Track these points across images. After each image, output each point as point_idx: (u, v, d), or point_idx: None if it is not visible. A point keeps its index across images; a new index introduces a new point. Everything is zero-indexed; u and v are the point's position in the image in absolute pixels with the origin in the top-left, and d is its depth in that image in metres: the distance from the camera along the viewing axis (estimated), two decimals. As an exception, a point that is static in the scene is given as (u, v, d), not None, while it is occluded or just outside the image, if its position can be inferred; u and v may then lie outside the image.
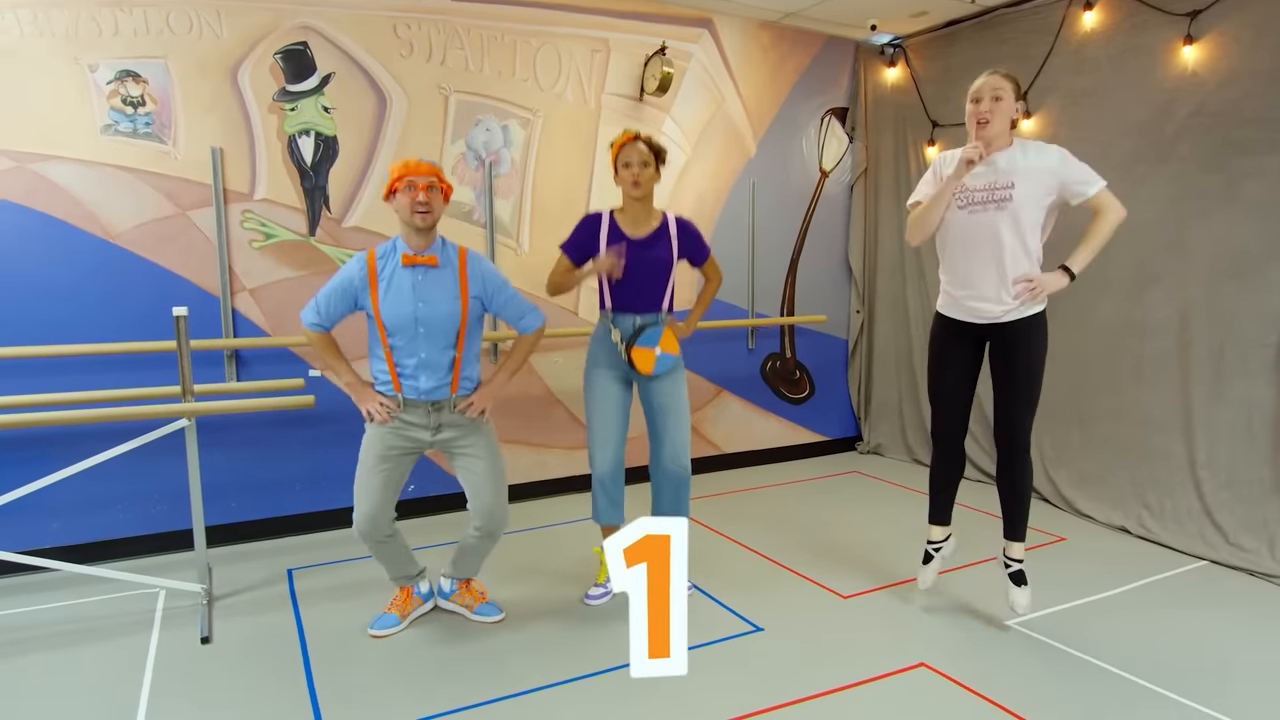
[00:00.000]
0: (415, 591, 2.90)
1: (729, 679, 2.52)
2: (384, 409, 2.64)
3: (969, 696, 2.41)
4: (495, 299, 2.72)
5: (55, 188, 3.31)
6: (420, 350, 2.61)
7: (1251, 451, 3.44)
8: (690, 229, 3.01)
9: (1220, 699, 2.39)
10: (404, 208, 2.55)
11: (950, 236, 2.75)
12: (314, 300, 2.66)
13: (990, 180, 2.64)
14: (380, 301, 2.58)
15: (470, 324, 2.68)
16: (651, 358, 2.86)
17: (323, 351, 2.69)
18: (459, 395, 2.70)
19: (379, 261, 2.62)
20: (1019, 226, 2.60)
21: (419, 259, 2.59)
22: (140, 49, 3.38)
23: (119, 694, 2.43)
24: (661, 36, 4.41)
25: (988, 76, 2.64)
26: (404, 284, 2.59)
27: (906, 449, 5.17)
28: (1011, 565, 2.84)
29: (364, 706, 2.37)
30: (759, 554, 3.58)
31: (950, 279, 2.80)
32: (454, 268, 2.65)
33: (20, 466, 3.23)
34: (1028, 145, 2.65)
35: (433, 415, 2.67)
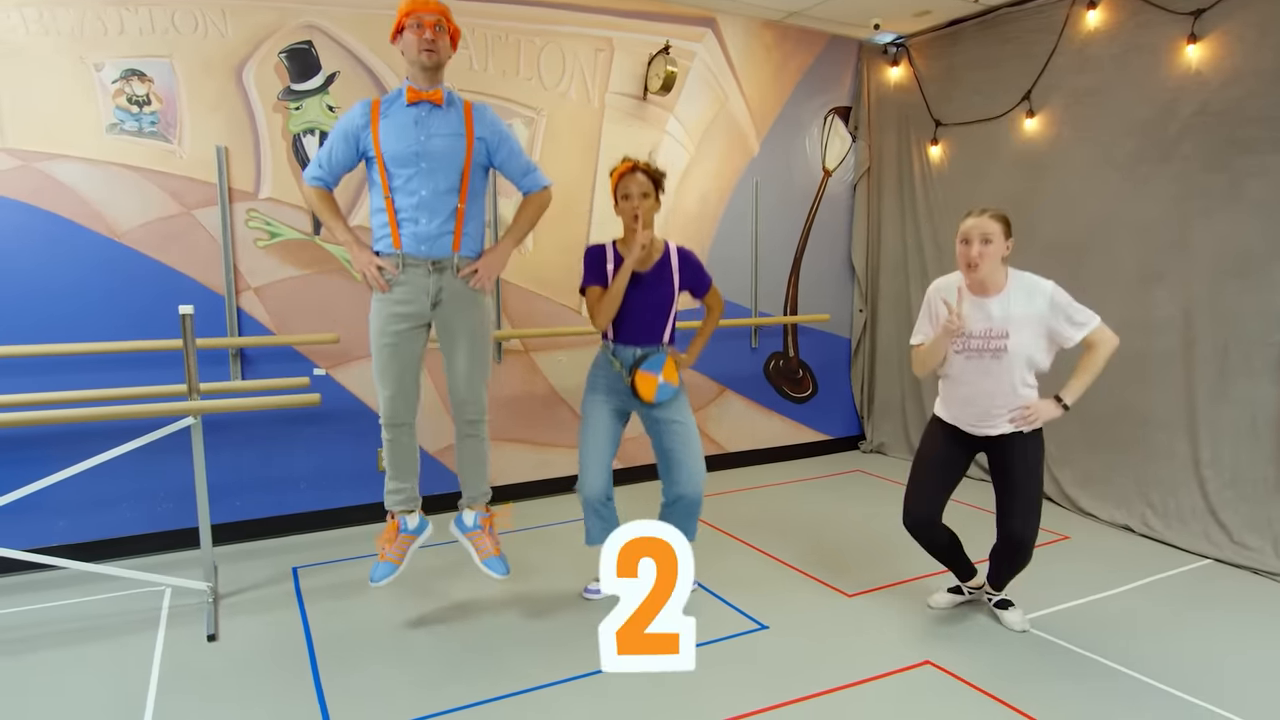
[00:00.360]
0: (403, 528, 2.80)
1: (735, 676, 2.52)
2: (380, 274, 2.57)
3: (974, 694, 2.42)
4: (500, 149, 2.68)
5: (61, 186, 3.32)
6: (422, 188, 2.55)
7: (1255, 450, 3.44)
8: (692, 260, 2.99)
9: (1224, 696, 2.39)
10: (410, 46, 2.53)
11: (949, 370, 2.76)
12: (315, 157, 2.64)
13: (985, 328, 2.63)
14: (382, 137, 2.54)
15: (474, 168, 2.62)
16: (654, 384, 2.86)
17: (322, 208, 2.65)
18: (462, 256, 2.63)
19: (383, 105, 2.59)
20: (1017, 370, 2.61)
21: (424, 94, 2.56)
22: (145, 48, 3.39)
23: (126, 691, 2.44)
24: (665, 36, 4.42)
25: (975, 218, 2.60)
26: (407, 119, 2.55)
27: (909, 448, 5.17)
28: (993, 597, 2.90)
29: (370, 703, 2.38)
30: (763, 552, 3.58)
31: (950, 394, 2.79)
32: (459, 111, 2.62)
33: (27, 465, 3.23)
34: (1019, 285, 2.62)
35: (433, 277, 2.60)
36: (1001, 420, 2.66)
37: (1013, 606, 2.86)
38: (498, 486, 4.23)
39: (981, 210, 2.64)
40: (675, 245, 2.98)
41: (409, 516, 2.83)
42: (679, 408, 2.94)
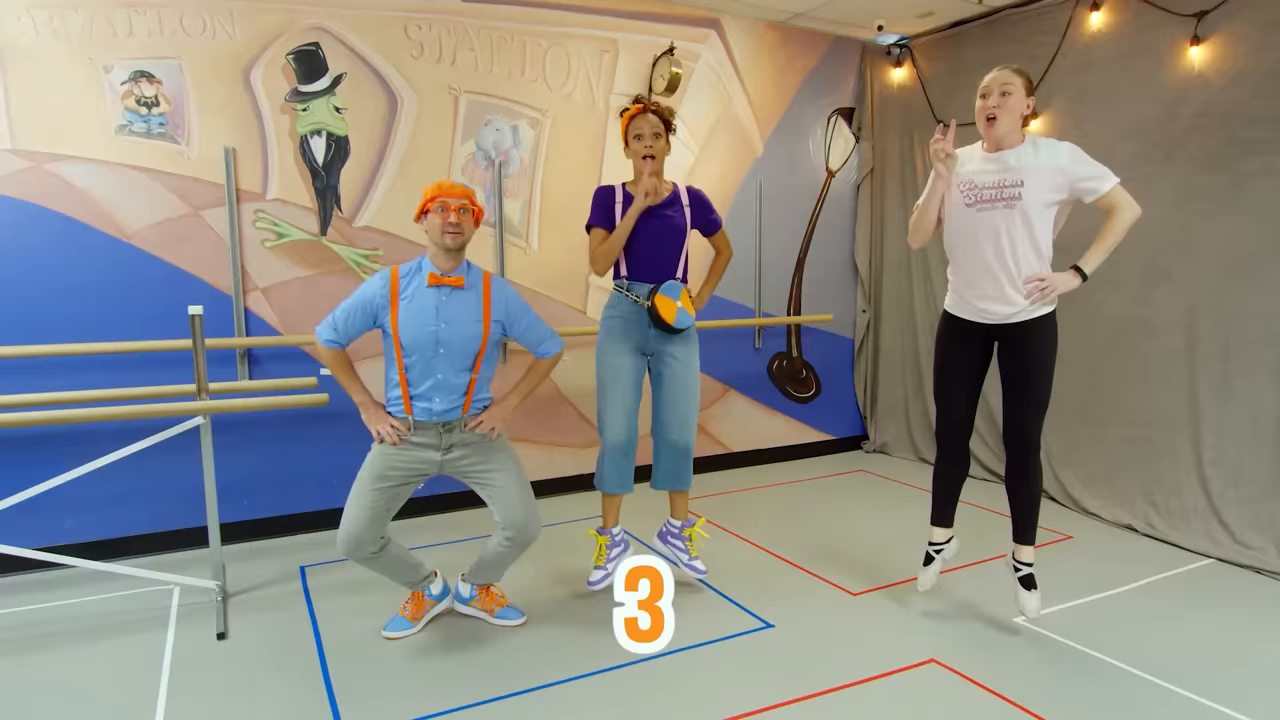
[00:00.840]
0: (427, 594, 2.87)
1: (741, 674, 2.54)
2: (394, 431, 2.61)
3: (979, 692, 2.43)
4: (517, 324, 2.72)
5: (70, 187, 3.34)
6: (437, 371, 2.59)
7: (1258, 450, 3.46)
8: (702, 198, 3.03)
9: (1227, 694, 2.41)
10: (435, 229, 2.54)
11: (959, 235, 2.71)
12: (331, 316, 2.62)
13: (999, 178, 2.59)
14: (400, 320, 2.56)
15: (489, 348, 2.67)
16: (674, 308, 2.88)
17: (337, 369, 2.66)
18: (470, 414, 2.68)
19: (402, 280, 2.60)
20: (1029, 225, 2.57)
21: (445, 279, 2.58)
22: (154, 50, 3.41)
23: (138, 688, 2.46)
24: (669, 37, 4.44)
25: (997, 71, 2.60)
26: (427, 304, 2.57)
27: (913, 448, 5.19)
28: (1021, 569, 2.79)
29: (380, 701, 2.40)
30: (768, 551, 3.60)
31: (959, 278, 2.77)
32: (478, 291, 2.65)
33: (37, 464, 3.26)
34: (1038, 142, 2.61)
35: (444, 436, 2.64)
36: (1013, 296, 2.60)
37: (1036, 589, 2.77)
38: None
39: (1003, 65, 2.60)
40: (685, 185, 3.02)
41: (433, 585, 2.89)
42: (688, 349, 2.98)
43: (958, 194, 2.69)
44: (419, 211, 2.59)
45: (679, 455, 3.02)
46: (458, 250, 2.58)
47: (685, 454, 3.02)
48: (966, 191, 2.67)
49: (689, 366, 2.99)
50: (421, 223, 2.60)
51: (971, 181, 2.66)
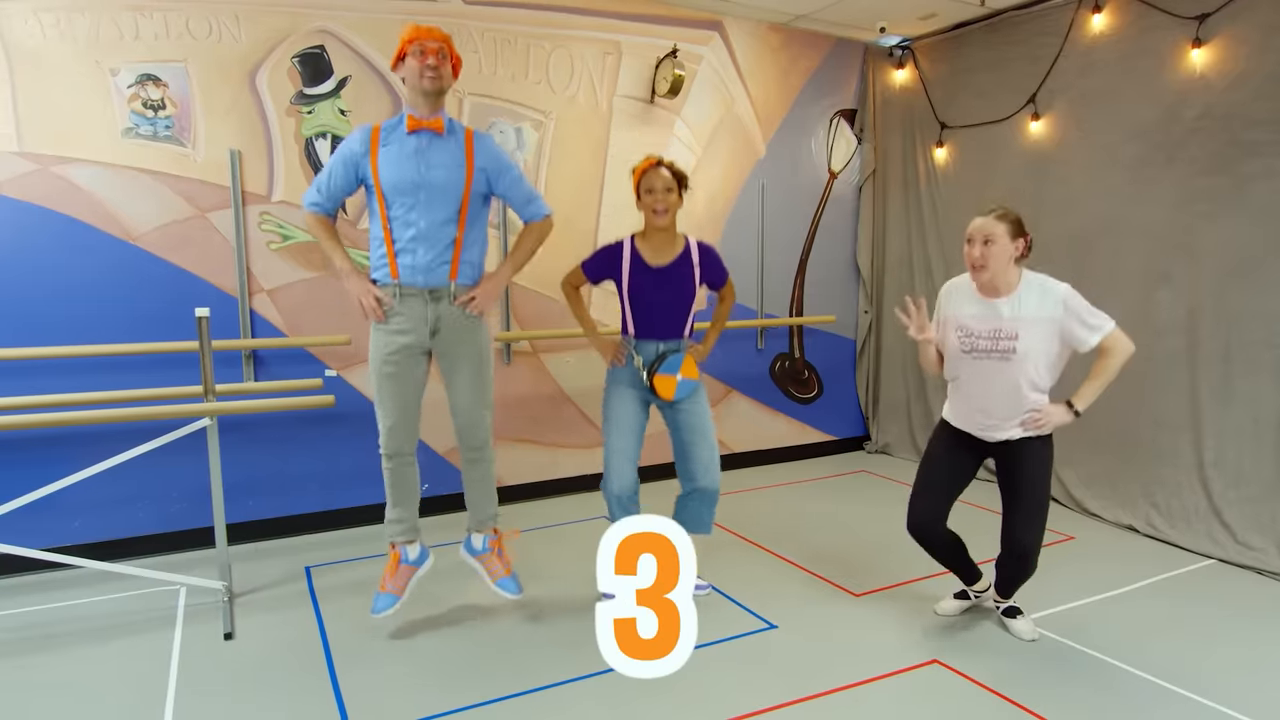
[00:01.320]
0: (403, 559, 2.80)
1: (744, 674, 2.56)
2: (377, 303, 2.57)
3: (981, 692, 2.45)
4: (501, 178, 2.67)
5: (77, 190, 3.36)
6: (420, 219, 2.54)
7: (1259, 451, 3.47)
8: (712, 254, 3.03)
9: (1228, 695, 2.42)
10: (412, 71, 2.51)
11: (956, 372, 2.71)
12: (315, 181, 2.62)
13: (994, 328, 2.57)
14: (381, 166, 2.52)
15: (474, 199, 2.61)
16: (673, 384, 2.90)
17: (320, 234, 2.65)
18: (459, 284, 2.63)
19: (383, 133, 2.57)
20: (1026, 374, 2.55)
21: (425, 123, 2.54)
22: (160, 53, 3.43)
23: (146, 689, 2.48)
24: (672, 39, 4.45)
25: (980, 219, 2.55)
26: (407, 148, 2.54)
27: (914, 448, 5.20)
28: (1001, 605, 2.86)
29: (386, 701, 2.42)
30: (770, 552, 3.62)
31: (959, 397, 2.74)
32: (460, 140, 2.61)
33: (44, 465, 3.28)
34: (1032, 286, 2.56)
35: (430, 307, 2.60)
36: (1009, 425, 2.61)
37: (1021, 615, 2.82)
38: (507, 487, 4.29)
39: (989, 210, 2.57)
40: (695, 240, 3.02)
41: (410, 547, 2.82)
42: (698, 399, 2.99)
43: (954, 337, 2.67)
44: (395, 58, 2.56)
45: (707, 500, 3.02)
46: (436, 95, 2.54)
47: (714, 497, 3.02)
48: (962, 338, 2.64)
49: (701, 412, 2.99)
50: (399, 70, 2.57)
51: (967, 328, 2.63)
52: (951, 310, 2.69)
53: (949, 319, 2.70)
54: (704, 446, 2.96)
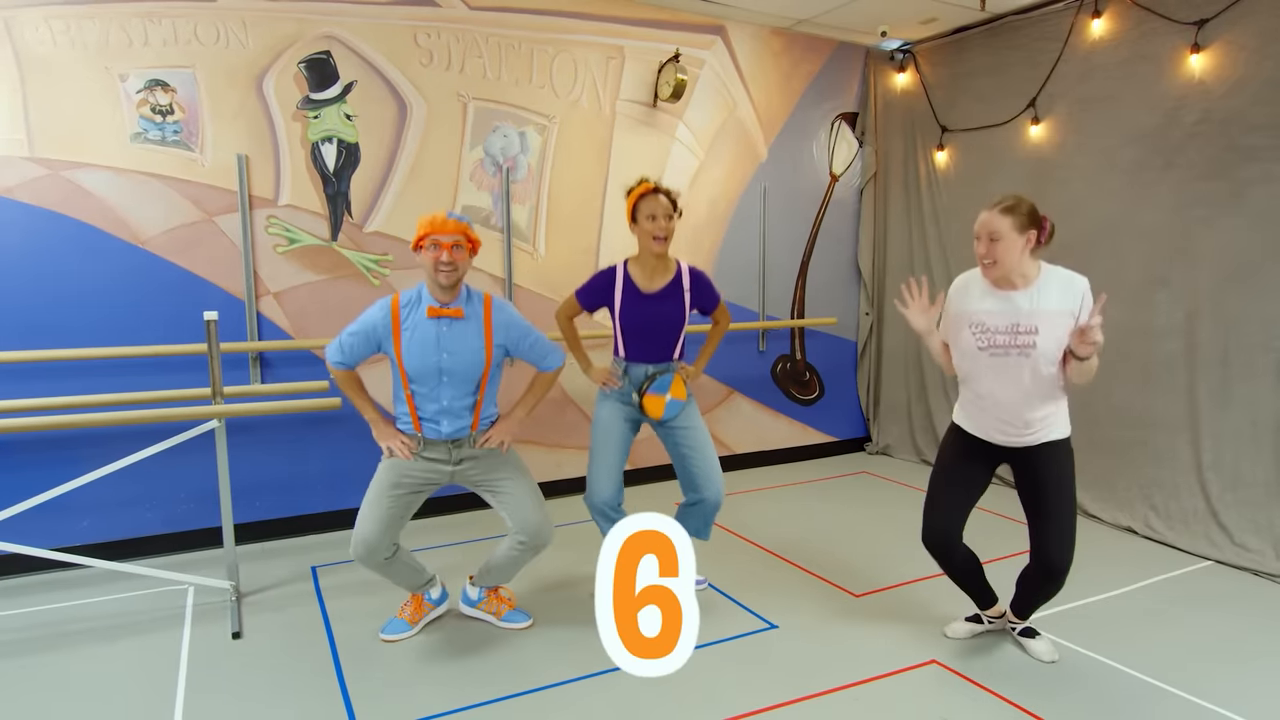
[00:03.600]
0: (426, 598, 2.92)
1: (745, 674, 2.59)
2: (405, 447, 2.67)
3: (980, 693, 2.48)
4: (519, 345, 2.75)
5: (86, 194, 3.40)
6: (442, 398, 2.63)
7: (1256, 454, 3.50)
8: (703, 280, 3.06)
9: (1225, 696, 2.45)
10: (429, 264, 2.55)
11: (970, 371, 2.56)
12: (338, 339, 2.67)
13: (1012, 322, 2.42)
14: (404, 351, 2.60)
15: (492, 371, 2.70)
16: (662, 404, 2.96)
17: (346, 389, 2.73)
18: (478, 431, 2.73)
19: (403, 310, 2.62)
20: (1047, 365, 2.41)
21: (445, 311, 2.60)
22: (169, 59, 3.47)
23: (156, 687, 2.52)
24: (675, 44, 4.48)
25: (985, 214, 2.42)
26: (428, 335, 2.60)
27: (915, 450, 5.23)
28: (1017, 626, 2.76)
29: (393, 699, 2.45)
30: (771, 553, 3.65)
31: (970, 402, 2.60)
32: (479, 318, 2.66)
33: (53, 466, 3.32)
34: (1054, 278, 2.42)
35: (453, 451, 2.71)
36: (1027, 431, 2.47)
37: (1039, 635, 2.70)
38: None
39: (994, 203, 2.43)
40: (686, 265, 3.05)
41: (432, 589, 2.94)
42: (688, 415, 3.03)
43: (968, 334, 2.51)
44: (414, 244, 2.59)
45: (710, 510, 3.06)
46: (452, 287, 2.59)
47: (716, 508, 3.06)
48: (978, 334, 2.48)
49: (694, 428, 3.03)
50: (417, 255, 2.60)
51: (983, 324, 2.47)
52: (965, 306, 2.53)
53: (961, 315, 2.53)
54: (702, 460, 3.00)
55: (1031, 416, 2.46)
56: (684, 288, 3.00)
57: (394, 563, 2.74)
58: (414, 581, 2.86)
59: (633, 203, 2.93)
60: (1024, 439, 2.50)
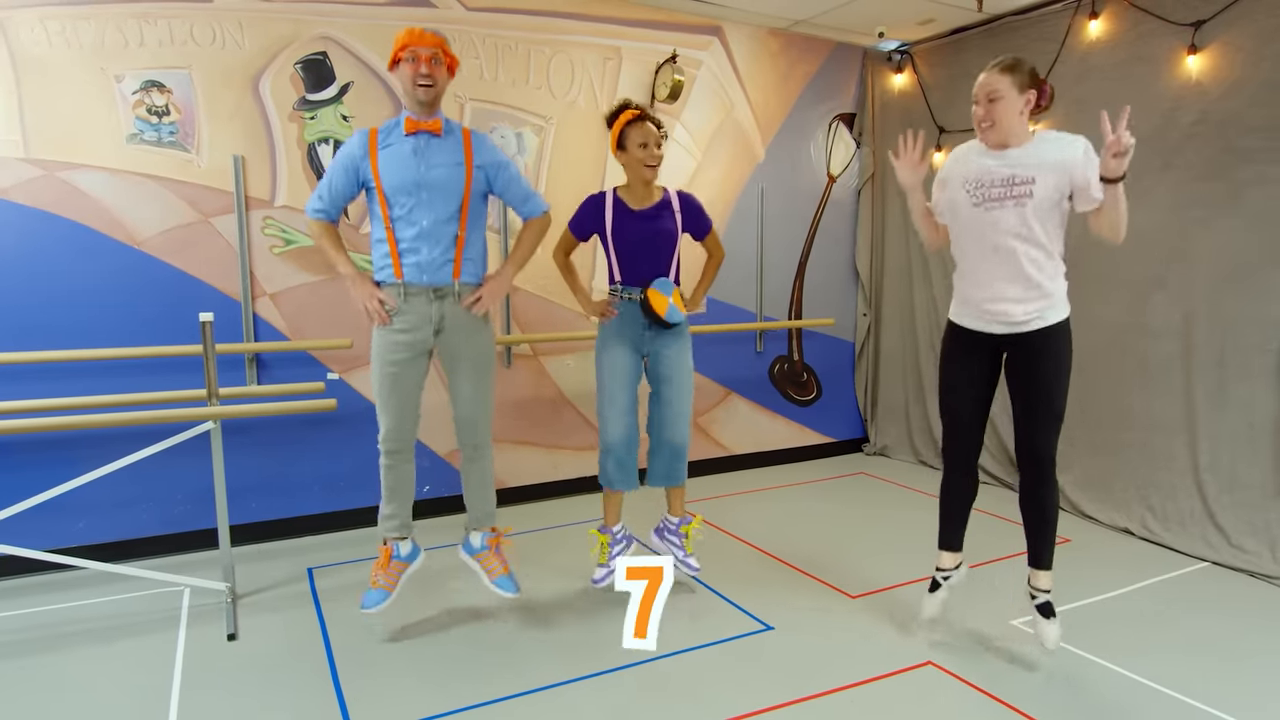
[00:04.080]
0: (395, 555, 2.83)
1: (740, 676, 2.59)
2: (382, 307, 2.61)
3: (975, 695, 2.48)
4: (499, 176, 2.70)
5: (82, 195, 3.39)
6: (422, 218, 2.57)
7: (1253, 455, 3.50)
8: (693, 202, 3.07)
9: (1222, 698, 2.45)
10: (406, 79, 2.54)
11: (966, 236, 2.55)
12: (316, 189, 2.66)
13: (1008, 174, 2.41)
14: (381, 167, 2.56)
15: (474, 197, 2.64)
16: (665, 302, 2.93)
17: (323, 240, 2.69)
18: (463, 283, 2.67)
19: (381, 135, 2.61)
20: (1042, 222, 2.39)
21: (422, 124, 2.58)
22: (165, 60, 3.47)
23: (150, 689, 2.52)
24: (672, 44, 4.48)
25: (984, 74, 2.42)
26: (406, 149, 2.57)
27: (913, 451, 5.23)
28: (1038, 596, 2.64)
29: (388, 701, 2.45)
30: (768, 554, 3.65)
31: (966, 281, 2.59)
32: (458, 140, 2.64)
33: (48, 467, 3.31)
34: (1049, 137, 2.42)
35: (435, 305, 2.64)
36: (1023, 311, 2.44)
37: (1055, 618, 2.62)
38: (508, 489, 4.32)
39: (993, 63, 2.40)
40: (675, 189, 3.06)
41: (402, 544, 2.86)
42: (681, 347, 3.04)
43: (963, 194, 2.51)
44: (391, 61, 2.59)
45: (674, 453, 3.09)
46: (430, 102, 2.58)
47: (680, 451, 3.08)
48: (973, 190, 2.49)
49: (683, 365, 3.05)
50: (394, 73, 2.59)
51: (978, 179, 2.47)
52: (960, 169, 2.52)
53: (955, 177, 2.52)
54: (680, 399, 3.02)
55: (1027, 290, 2.43)
56: (675, 208, 3.02)
57: (408, 469, 2.78)
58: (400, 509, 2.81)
59: (619, 129, 2.92)
60: (1020, 320, 2.46)
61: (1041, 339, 2.47)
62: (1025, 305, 2.45)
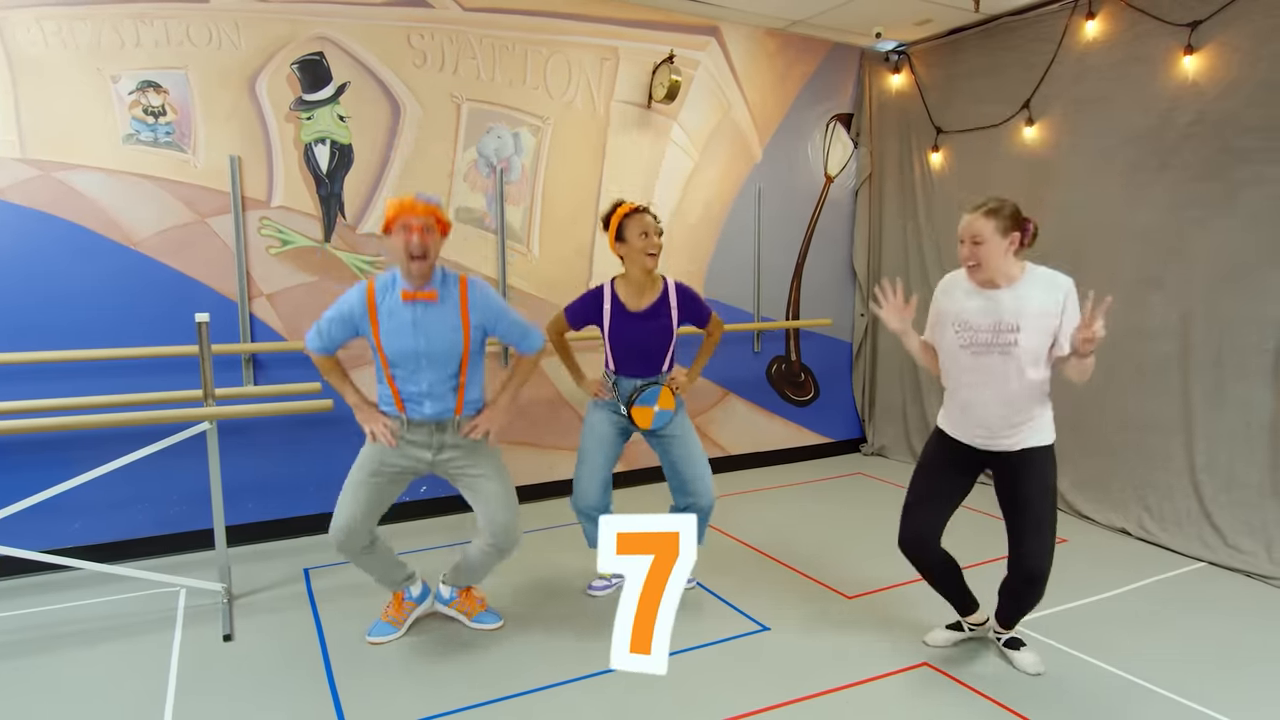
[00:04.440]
0: (407, 596, 2.90)
1: (736, 676, 2.59)
2: (387, 430, 2.64)
3: (971, 695, 2.48)
4: (497, 326, 2.72)
5: (79, 195, 3.39)
6: (423, 380, 2.61)
7: (1249, 455, 3.50)
8: (690, 295, 3.07)
9: (1218, 699, 2.45)
10: (398, 249, 2.50)
11: (953, 371, 2.57)
12: (317, 325, 2.65)
13: (995, 320, 2.42)
14: (381, 335, 2.57)
15: (473, 353, 2.68)
16: (650, 415, 2.99)
17: (327, 374, 2.72)
18: (463, 417, 2.70)
19: (378, 295, 2.59)
20: (1029, 366, 2.41)
21: (419, 295, 2.57)
22: (161, 60, 3.46)
23: (147, 689, 2.52)
24: (669, 45, 4.48)
25: (967, 216, 2.43)
26: (404, 319, 2.57)
27: (910, 451, 5.23)
28: (1002, 636, 2.71)
29: (383, 702, 2.45)
30: (765, 554, 3.65)
31: (954, 405, 2.60)
32: (455, 300, 2.62)
33: (45, 468, 3.31)
34: (1038, 278, 2.42)
35: (436, 435, 2.68)
36: (1010, 433, 2.47)
37: (1025, 646, 2.67)
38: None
39: (975, 206, 2.43)
40: (673, 281, 3.07)
41: (412, 586, 2.92)
42: (678, 424, 3.06)
43: (951, 333, 2.53)
44: (383, 227, 2.55)
45: (702, 515, 3.08)
46: (422, 274, 2.55)
47: (707, 514, 3.10)
48: (960, 332, 2.50)
49: (684, 437, 3.06)
50: (386, 238, 2.55)
51: (966, 322, 2.49)
52: (949, 305, 2.55)
53: (946, 314, 2.56)
54: (691, 467, 3.04)
55: (1014, 420, 2.46)
56: (671, 305, 3.02)
57: (373, 553, 2.74)
58: (393, 577, 2.85)
59: (618, 223, 2.94)
60: (1006, 444, 2.49)
61: (1025, 460, 2.49)
62: (1012, 434, 2.48)
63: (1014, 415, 2.46)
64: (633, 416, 2.98)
